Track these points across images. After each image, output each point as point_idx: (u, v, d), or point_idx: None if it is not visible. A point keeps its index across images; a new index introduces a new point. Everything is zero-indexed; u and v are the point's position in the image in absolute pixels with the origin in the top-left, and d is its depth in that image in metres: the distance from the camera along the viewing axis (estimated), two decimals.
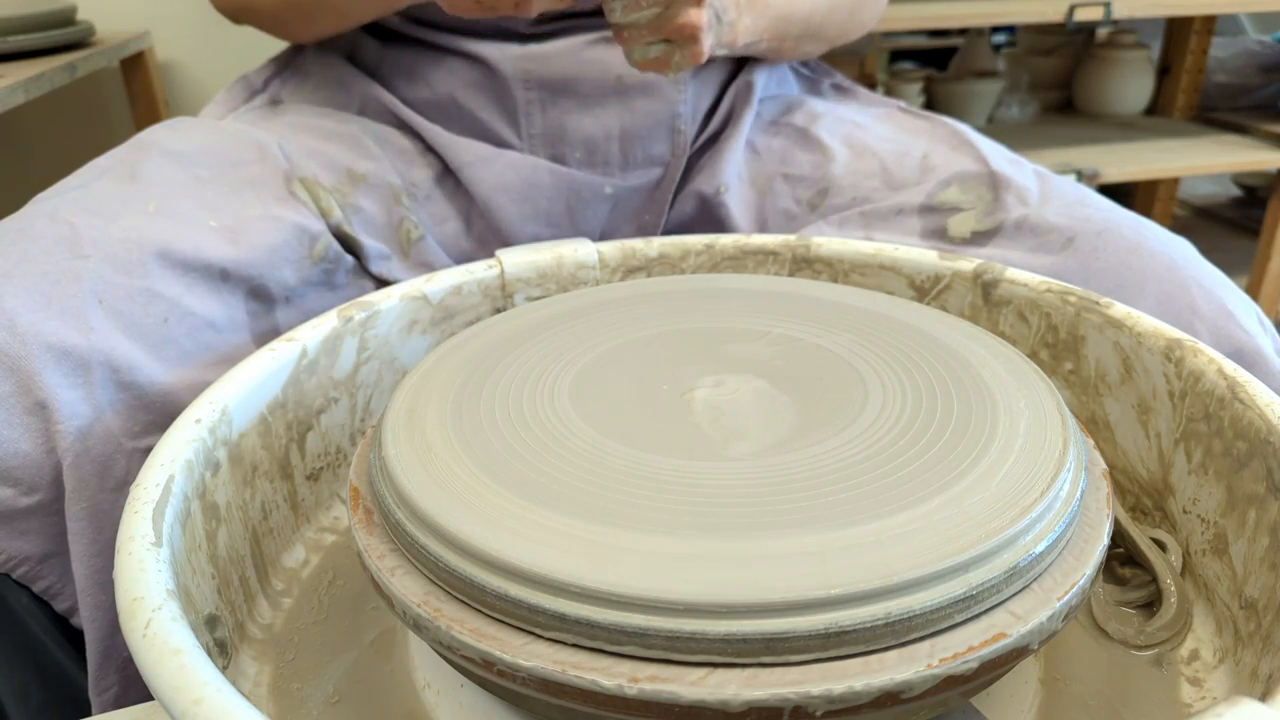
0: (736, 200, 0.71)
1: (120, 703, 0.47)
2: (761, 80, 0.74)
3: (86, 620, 0.46)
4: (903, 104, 0.77)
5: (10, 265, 0.48)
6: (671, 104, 0.70)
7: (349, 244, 0.62)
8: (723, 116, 0.73)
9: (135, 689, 0.48)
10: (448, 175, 0.69)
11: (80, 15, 1.29)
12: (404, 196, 0.66)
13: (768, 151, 0.73)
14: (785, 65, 0.80)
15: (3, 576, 0.46)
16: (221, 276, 0.54)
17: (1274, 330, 0.58)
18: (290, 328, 0.50)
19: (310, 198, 0.61)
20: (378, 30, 0.72)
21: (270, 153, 0.61)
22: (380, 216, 0.65)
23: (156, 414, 0.49)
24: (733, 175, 0.71)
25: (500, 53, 0.68)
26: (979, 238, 0.62)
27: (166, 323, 0.50)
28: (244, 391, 0.44)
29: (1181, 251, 0.59)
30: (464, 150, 0.67)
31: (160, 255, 0.52)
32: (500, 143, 0.69)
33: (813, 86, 0.81)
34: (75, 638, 0.49)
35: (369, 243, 0.62)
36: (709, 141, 0.73)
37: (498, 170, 0.67)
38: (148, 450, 0.48)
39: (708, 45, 0.57)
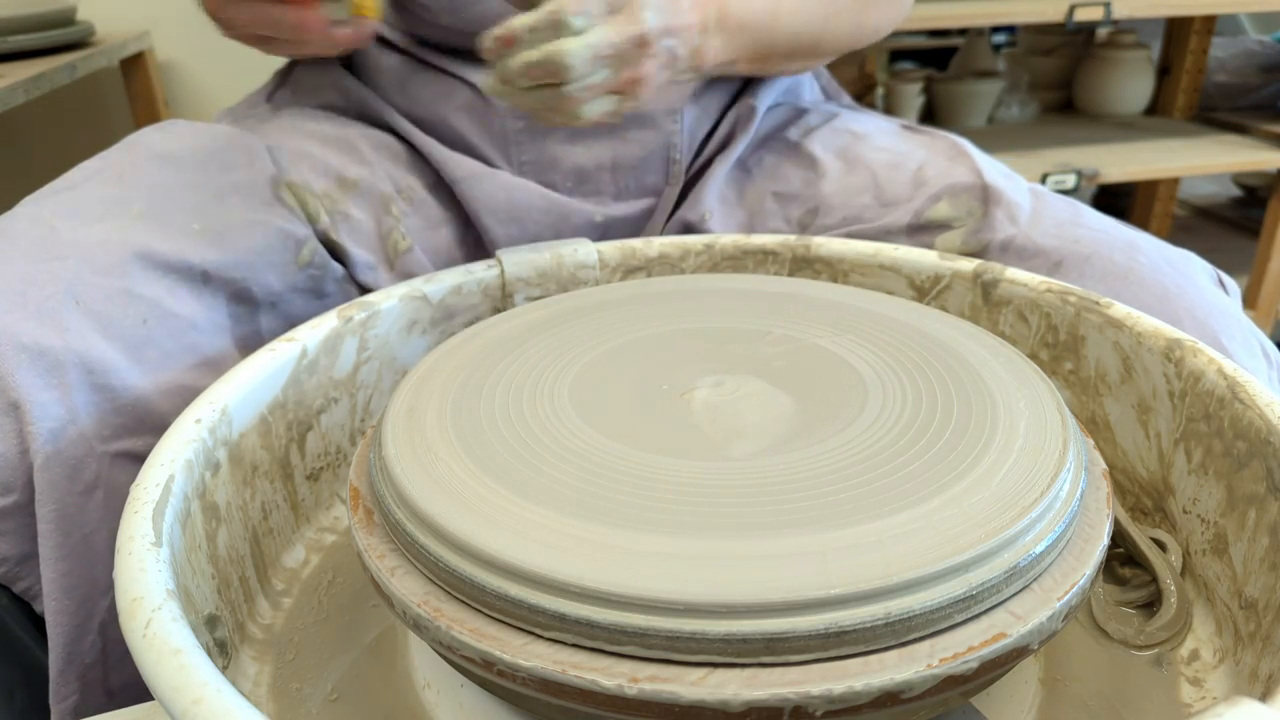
0: (722, 225, 0.69)
1: (79, 713, 0.46)
2: (766, 103, 0.72)
3: (50, 625, 0.45)
4: (906, 122, 0.76)
5: None
6: (666, 134, 0.69)
7: (336, 251, 0.61)
8: (720, 141, 0.71)
9: (94, 699, 0.47)
10: (443, 182, 0.69)
11: (80, 15, 1.29)
12: (394, 205, 0.65)
13: (758, 168, 0.71)
14: (799, 80, 0.78)
15: None
16: (203, 279, 0.53)
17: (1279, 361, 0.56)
18: (274, 333, 0.50)
19: (297, 203, 0.61)
20: (377, 39, 0.71)
21: (258, 156, 0.61)
22: (369, 224, 0.64)
23: (128, 418, 0.48)
24: (714, 202, 0.69)
25: (489, 77, 0.67)
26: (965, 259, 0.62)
27: (146, 324, 0.50)
28: (244, 391, 0.44)
29: (1174, 278, 0.56)
30: (457, 165, 0.66)
31: (140, 256, 0.51)
32: (491, 166, 0.68)
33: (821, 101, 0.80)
34: None
35: (356, 251, 0.62)
36: (704, 167, 0.72)
37: (489, 190, 0.66)
38: (118, 455, 0.47)
39: (653, 90, 0.55)
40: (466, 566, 0.31)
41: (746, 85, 0.72)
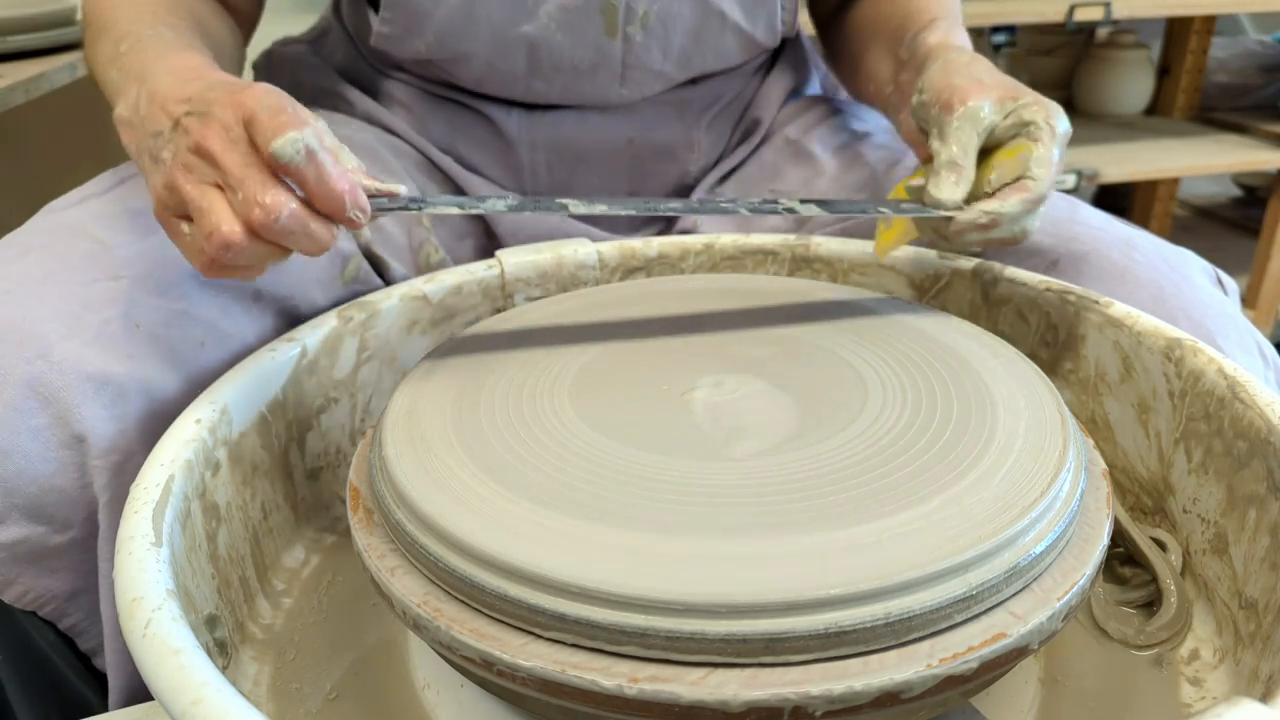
0: (721, 222, 0.69)
1: None
2: (770, 115, 0.72)
3: (111, 666, 0.44)
4: None
5: (37, 284, 0.44)
6: (684, 164, 0.68)
7: (376, 265, 0.59)
8: (730, 157, 0.71)
9: None
10: (462, 194, 0.67)
11: (80, 15, 1.29)
12: (425, 217, 0.63)
13: (757, 165, 0.71)
14: (803, 78, 0.77)
15: (29, 613, 0.45)
16: (254, 297, 0.51)
17: (1277, 362, 0.56)
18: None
19: None
20: (388, 69, 0.67)
21: None
22: (401, 237, 0.62)
23: None
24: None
25: (506, 115, 0.65)
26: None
27: (204, 346, 0.48)
28: (244, 391, 0.44)
29: (1171, 277, 0.55)
30: (475, 189, 0.65)
31: (195, 275, 0.48)
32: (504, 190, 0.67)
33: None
34: (100, 673, 0.47)
35: (394, 265, 0.60)
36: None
37: (509, 215, 0.64)
38: None
39: None
40: (466, 566, 0.31)
41: (754, 99, 0.72)
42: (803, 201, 0.45)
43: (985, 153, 0.49)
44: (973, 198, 0.47)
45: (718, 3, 0.60)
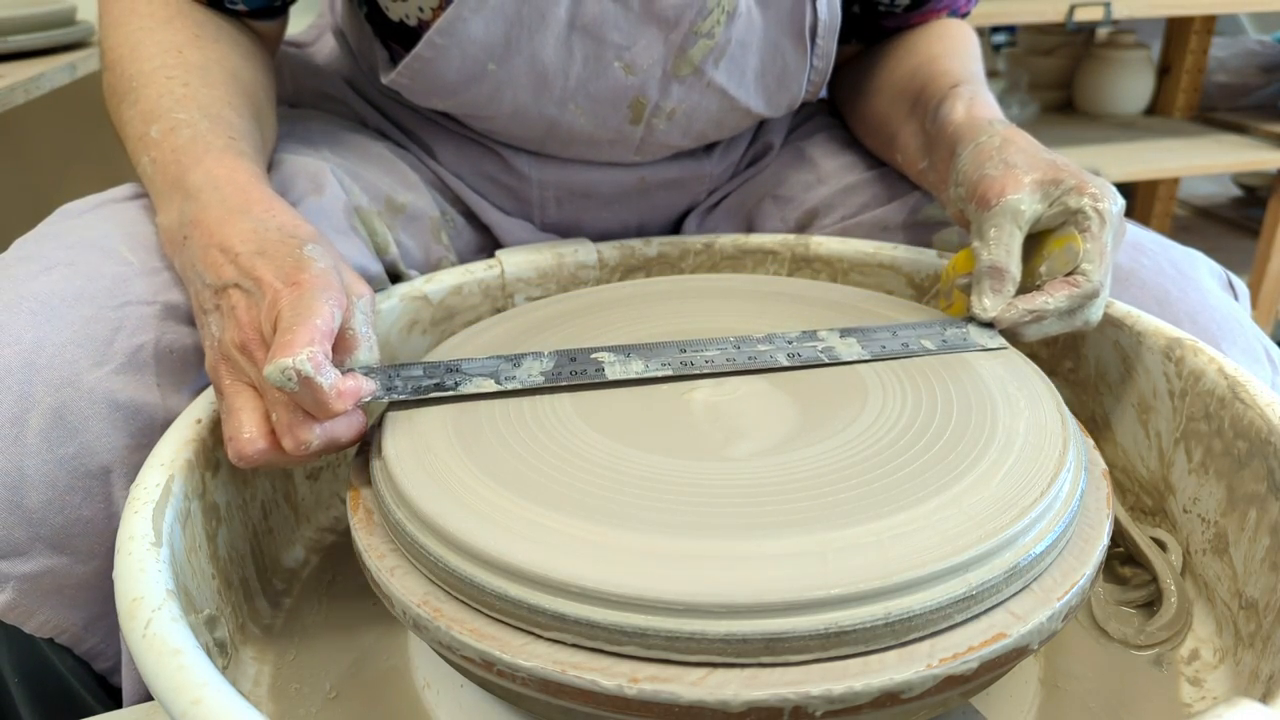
0: (720, 223, 0.70)
1: None
2: (779, 139, 0.71)
3: (126, 682, 0.43)
4: None
5: (63, 304, 0.43)
6: (694, 193, 0.69)
7: (398, 279, 0.58)
8: (740, 176, 0.71)
9: None
10: (473, 212, 0.66)
11: (80, 15, 1.29)
12: (443, 233, 0.63)
13: (760, 175, 0.71)
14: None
15: (48, 640, 0.44)
16: None
17: None
18: None
19: (367, 232, 0.57)
20: (398, 99, 0.65)
21: (325, 180, 0.55)
22: (418, 253, 0.61)
23: None
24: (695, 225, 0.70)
25: (516, 154, 0.64)
26: None
27: None
28: None
29: (1177, 281, 0.54)
30: (485, 211, 0.65)
31: None
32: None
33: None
34: (118, 690, 0.46)
35: (415, 277, 0.58)
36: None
37: (520, 237, 0.65)
38: None
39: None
40: (466, 566, 0.31)
41: (765, 124, 0.71)
42: (842, 335, 0.43)
43: (1035, 236, 0.46)
44: (1023, 289, 0.45)
45: (744, 100, 0.59)
